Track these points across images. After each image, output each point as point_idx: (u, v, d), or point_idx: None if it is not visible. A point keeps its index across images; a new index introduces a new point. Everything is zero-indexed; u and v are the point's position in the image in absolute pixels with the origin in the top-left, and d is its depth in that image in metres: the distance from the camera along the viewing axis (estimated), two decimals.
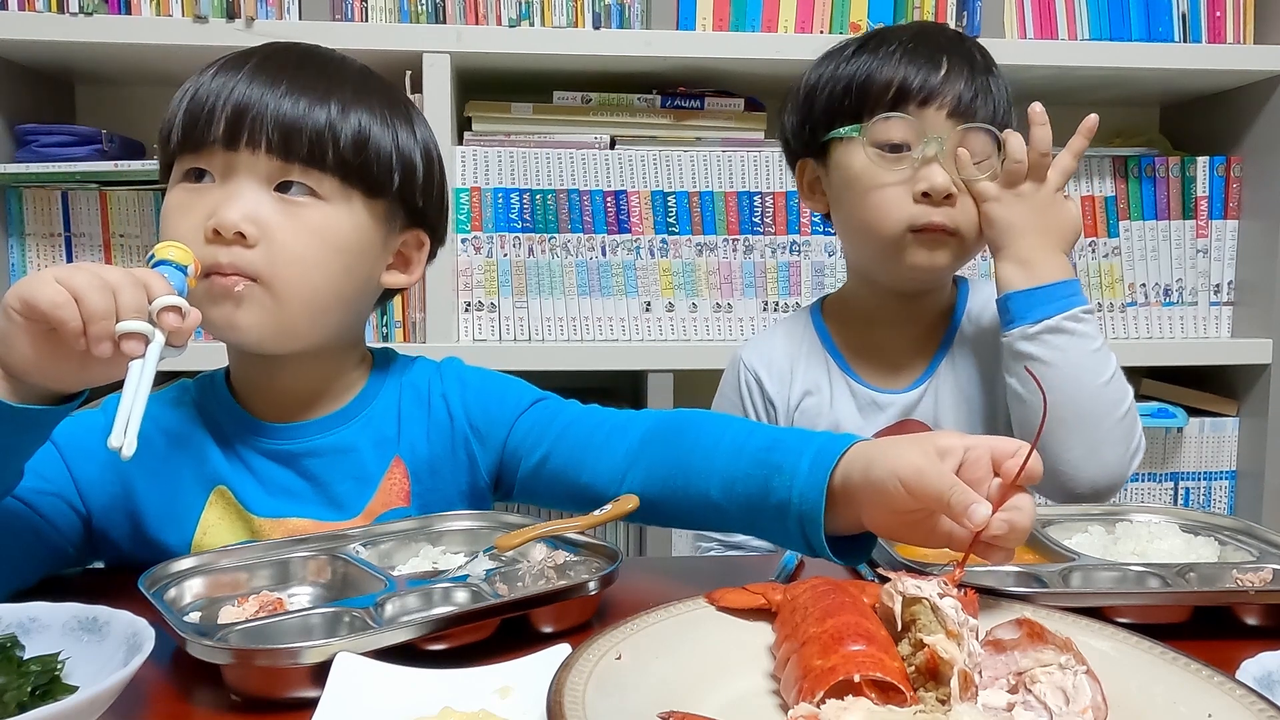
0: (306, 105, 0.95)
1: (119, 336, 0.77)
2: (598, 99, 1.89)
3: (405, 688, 0.67)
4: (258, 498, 1.01)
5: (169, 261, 0.86)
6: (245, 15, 1.73)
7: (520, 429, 1.06)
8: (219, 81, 0.95)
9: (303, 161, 0.95)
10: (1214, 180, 1.97)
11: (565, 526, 0.92)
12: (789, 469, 0.86)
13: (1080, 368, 1.17)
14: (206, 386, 1.06)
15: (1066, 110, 2.18)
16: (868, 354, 1.33)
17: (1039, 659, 0.64)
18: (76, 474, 0.97)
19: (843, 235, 1.33)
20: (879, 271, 1.28)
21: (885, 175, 1.20)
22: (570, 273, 1.85)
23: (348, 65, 1.03)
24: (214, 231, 0.91)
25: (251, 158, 0.94)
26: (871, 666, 0.61)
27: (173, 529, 0.99)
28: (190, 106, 0.96)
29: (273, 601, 0.81)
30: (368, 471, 1.04)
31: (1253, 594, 0.82)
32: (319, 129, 0.95)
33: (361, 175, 0.98)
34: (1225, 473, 2.02)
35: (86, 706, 0.59)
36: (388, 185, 1.00)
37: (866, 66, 1.21)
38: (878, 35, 1.25)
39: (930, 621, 0.65)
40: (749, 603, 0.77)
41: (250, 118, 0.93)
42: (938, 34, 1.25)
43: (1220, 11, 1.92)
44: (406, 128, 1.03)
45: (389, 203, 1.01)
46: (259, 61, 0.98)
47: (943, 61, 1.20)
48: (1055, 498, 1.20)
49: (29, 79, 1.87)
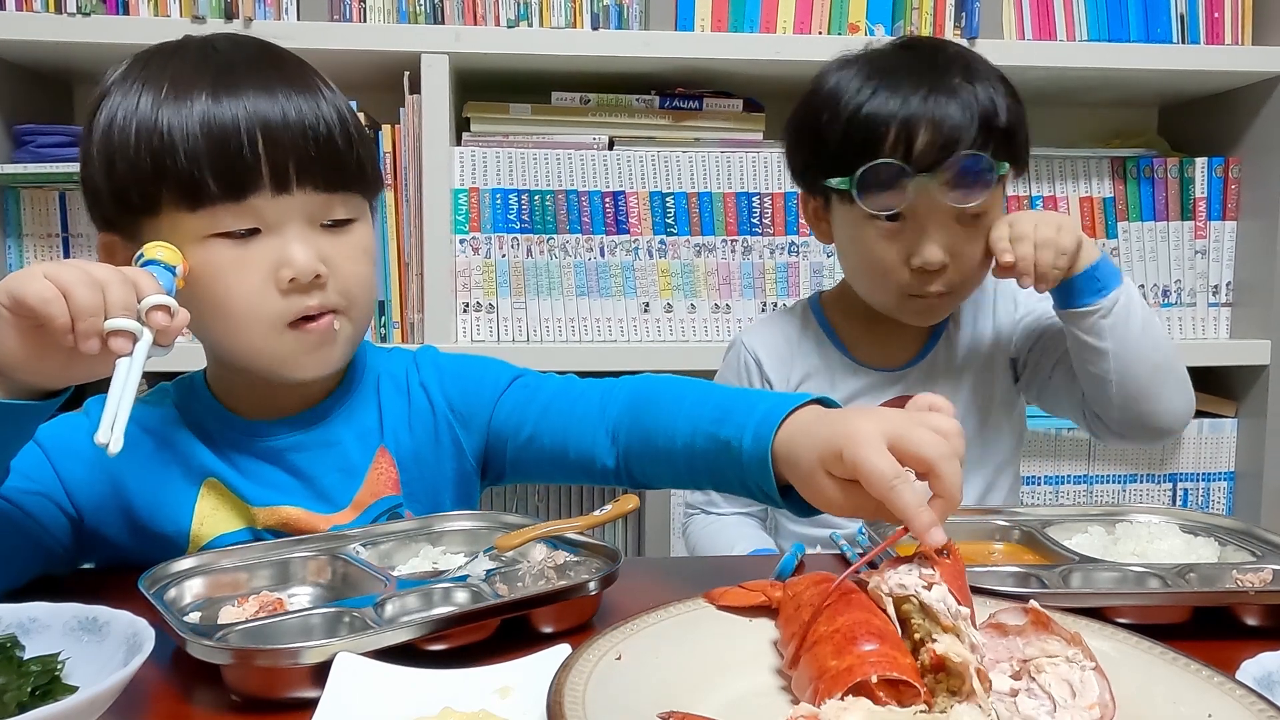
0: (318, 124, 0.93)
1: (107, 334, 0.76)
2: (596, 100, 1.89)
3: (405, 688, 0.67)
4: (248, 489, 1.01)
5: (157, 261, 0.85)
6: (243, 16, 1.73)
7: (503, 409, 1.07)
8: (213, 112, 0.89)
9: (343, 191, 0.96)
10: (1212, 181, 1.97)
11: (565, 527, 0.92)
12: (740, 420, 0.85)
13: (1150, 323, 1.23)
14: (186, 388, 1.06)
15: (1065, 111, 2.19)
16: (868, 340, 1.36)
17: (1044, 648, 0.65)
18: (64, 475, 0.97)
19: (843, 267, 1.36)
20: (879, 309, 1.32)
21: (880, 244, 1.22)
22: (569, 273, 1.84)
23: (288, 59, 0.99)
24: (289, 280, 0.91)
25: (301, 197, 0.92)
26: (887, 666, 0.61)
27: (168, 521, 0.99)
28: (206, 147, 0.89)
29: (273, 601, 0.81)
30: (353, 463, 1.04)
31: (1253, 594, 0.82)
32: (345, 155, 0.95)
33: (372, 185, 1.01)
34: (1224, 474, 2.02)
35: (86, 706, 0.59)
36: (379, 183, 1.03)
37: (865, 125, 1.19)
38: (883, 72, 1.21)
39: (923, 620, 0.65)
40: (749, 601, 0.77)
41: (290, 160, 0.91)
42: (945, 73, 1.20)
43: (1218, 13, 1.92)
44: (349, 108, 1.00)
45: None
46: (219, 76, 0.92)
47: (949, 124, 1.17)
48: (1148, 439, 1.29)
49: (27, 79, 1.87)
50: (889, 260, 1.22)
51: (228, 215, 0.90)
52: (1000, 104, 1.21)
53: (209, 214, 0.90)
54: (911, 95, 1.18)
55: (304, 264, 0.91)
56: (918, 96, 1.18)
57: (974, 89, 1.20)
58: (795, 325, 1.40)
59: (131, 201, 0.91)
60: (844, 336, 1.37)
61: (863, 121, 1.19)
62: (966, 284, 1.26)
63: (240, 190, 0.90)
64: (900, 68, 1.22)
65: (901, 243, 1.21)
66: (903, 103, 1.18)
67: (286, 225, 0.92)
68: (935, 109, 1.17)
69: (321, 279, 0.93)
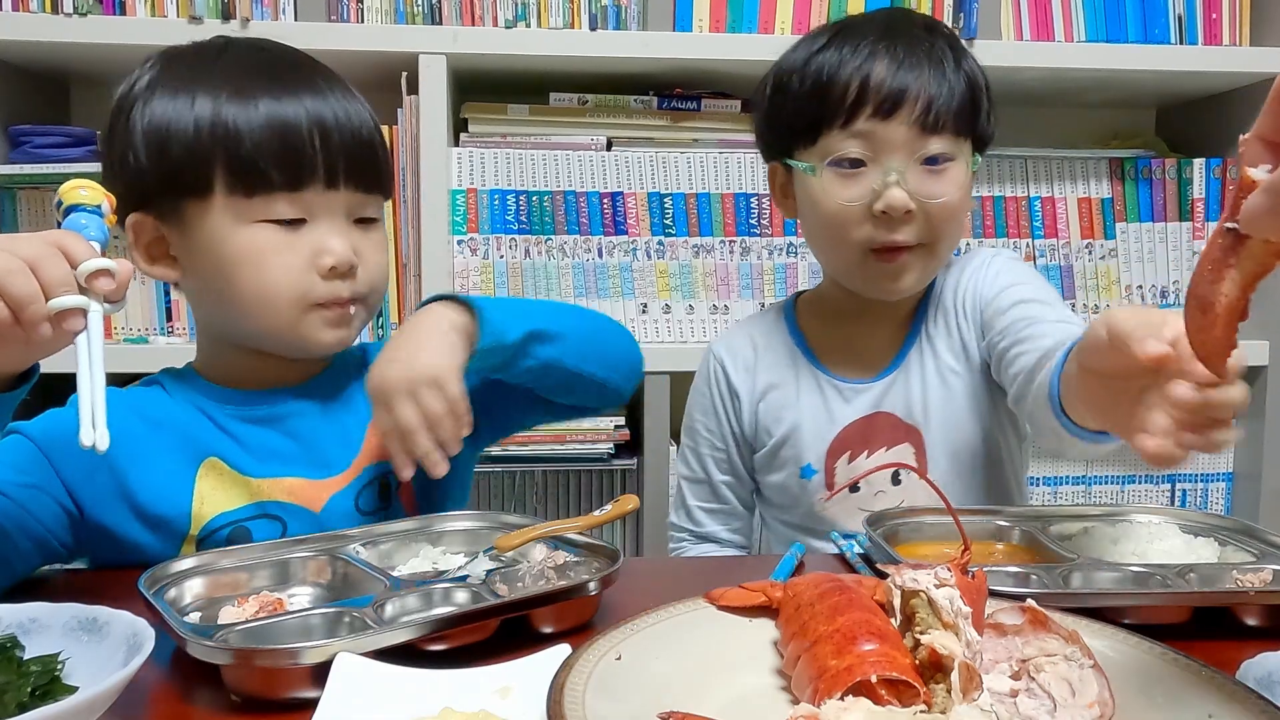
0: (361, 128, 1.02)
1: (54, 315, 0.76)
2: (594, 100, 1.89)
3: (405, 688, 0.67)
4: (248, 463, 1.03)
5: (81, 206, 0.84)
6: (240, 16, 1.73)
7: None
8: (277, 110, 0.97)
9: (377, 192, 1.05)
10: (1210, 182, 1.97)
11: (565, 527, 0.92)
12: None
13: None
14: (177, 377, 1.09)
15: (1063, 112, 2.20)
16: (837, 347, 1.32)
17: (1043, 647, 0.65)
18: (64, 474, 0.98)
19: (810, 246, 1.33)
20: (848, 285, 1.28)
21: (843, 193, 1.17)
22: (567, 274, 1.84)
23: (322, 66, 1.07)
24: (330, 268, 0.99)
25: (345, 194, 1.01)
26: (886, 665, 0.61)
27: (169, 504, 1.00)
28: (270, 141, 0.96)
29: (273, 602, 0.81)
30: (349, 428, 1.08)
31: (1253, 594, 0.82)
32: (380, 160, 1.05)
33: (391, 187, 1.10)
34: (1222, 474, 2.03)
35: (86, 706, 0.58)
36: (393, 186, 1.10)
37: (829, 70, 1.17)
38: (844, 30, 1.20)
39: (927, 615, 0.65)
40: (749, 601, 0.77)
41: (340, 160, 0.99)
42: (906, 28, 1.20)
43: (1216, 13, 1.92)
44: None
45: None
46: (257, 78, 0.99)
47: (906, 66, 1.15)
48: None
49: (23, 80, 1.87)
50: (852, 212, 1.17)
51: (282, 203, 0.98)
52: (965, 61, 1.20)
53: (264, 201, 0.97)
54: (868, 44, 1.17)
55: (344, 254, 0.99)
56: (879, 44, 1.17)
57: (933, 41, 1.19)
58: (765, 331, 1.36)
59: (183, 183, 0.97)
60: (814, 343, 1.33)
61: (820, 68, 1.18)
62: (935, 242, 1.20)
63: (298, 182, 0.98)
64: (857, 23, 1.22)
65: (864, 188, 1.16)
66: (856, 50, 1.17)
67: (330, 218, 1.00)
68: (894, 54, 1.16)
69: (354, 269, 1.01)
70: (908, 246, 1.18)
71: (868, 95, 1.15)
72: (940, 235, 1.19)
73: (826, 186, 1.17)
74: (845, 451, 1.27)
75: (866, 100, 1.15)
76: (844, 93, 1.16)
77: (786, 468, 1.31)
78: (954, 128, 1.17)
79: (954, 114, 1.17)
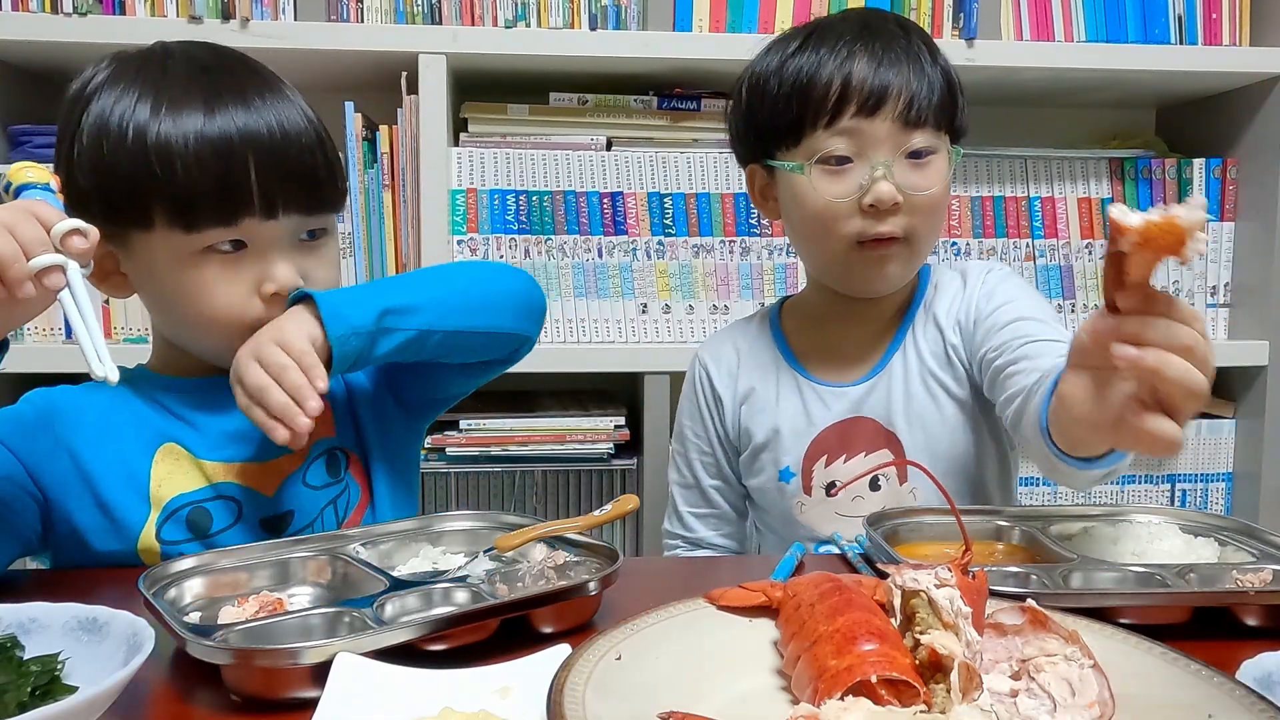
0: (302, 145, 1.01)
1: (36, 273, 0.78)
2: (594, 100, 1.89)
3: (405, 688, 0.67)
4: (203, 448, 1.05)
5: (33, 185, 0.86)
6: (240, 16, 1.72)
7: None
8: (199, 128, 0.96)
9: (320, 213, 1.05)
10: (1210, 182, 1.97)
11: (565, 527, 0.92)
12: None
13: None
14: (132, 375, 1.09)
15: (1063, 112, 2.20)
16: (820, 350, 1.32)
17: (1043, 647, 0.65)
18: (25, 459, 0.99)
19: (794, 244, 1.33)
20: (832, 282, 1.28)
21: (829, 189, 1.18)
22: (566, 274, 1.84)
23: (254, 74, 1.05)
24: (272, 294, 1.00)
25: (285, 221, 1.00)
26: (886, 665, 0.61)
27: (128, 487, 1.01)
28: (205, 176, 0.95)
29: (273, 601, 0.81)
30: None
31: (1253, 594, 0.82)
32: (322, 179, 1.03)
33: (343, 200, 1.09)
34: (1222, 474, 2.02)
35: (86, 706, 0.58)
36: (346, 192, 1.09)
37: (809, 71, 1.18)
38: (819, 31, 1.21)
39: (927, 615, 0.65)
40: (749, 601, 0.77)
41: (278, 190, 0.99)
42: (881, 27, 1.21)
43: (1216, 13, 1.92)
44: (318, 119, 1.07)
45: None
46: (198, 92, 0.98)
47: (886, 64, 1.16)
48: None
49: (23, 80, 1.86)
50: (840, 207, 1.17)
51: (221, 235, 0.98)
52: (939, 56, 1.22)
53: (204, 234, 0.97)
54: (846, 44, 1.18)
55: (287, 281, 1.00)
56: (857, 44, 1.18)
57: (908, 38, 1.20)
58: (748, 335, 1.37)
59: (125, 217, 0.97)
60: (796, 346, 1.33)
61: (800, 69, 1.19)
62: (920, 236, 1.20)
63: (235, 216, 0.97)
64: (831, 24, 1.23)
65: (851, 184, 1.17)
66: (835, 50, 1.18)
67: (271, 244, 1.00)
68: (873, 52, 1.17)
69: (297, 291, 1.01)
70: (894, 237, 1.19)
71: (851, 93, 1.16)
72: (923, 226, 1.21)
73: (815, 184, 1.18)
74: (823, 455, 1.27)
75: (850, 98, 1.16)
76: (826, 92, 1.17)
77: (766, 470, 1.31)
78: (934, 122, 1.19)
79: (934, 108, 1.18)
